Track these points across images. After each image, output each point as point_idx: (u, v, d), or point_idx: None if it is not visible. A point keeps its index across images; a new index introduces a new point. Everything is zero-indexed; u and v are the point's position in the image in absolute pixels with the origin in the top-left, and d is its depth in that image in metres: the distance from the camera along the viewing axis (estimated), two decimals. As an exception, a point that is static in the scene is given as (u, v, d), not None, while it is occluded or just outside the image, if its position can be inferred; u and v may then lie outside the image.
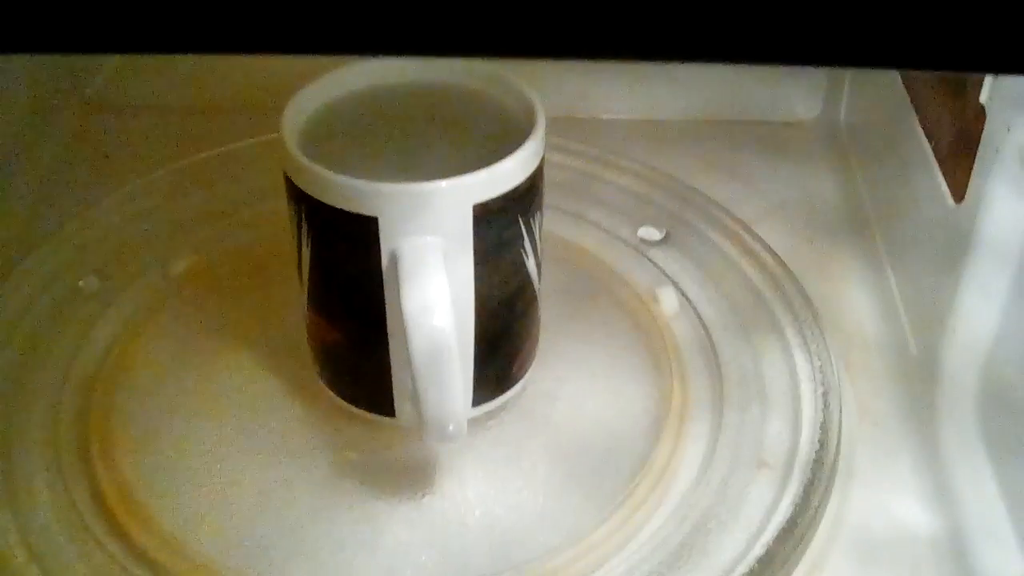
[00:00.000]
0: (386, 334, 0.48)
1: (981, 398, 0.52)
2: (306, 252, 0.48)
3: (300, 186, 0.46)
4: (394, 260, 0.45)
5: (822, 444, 0.51)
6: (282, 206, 0.49)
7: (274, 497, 0.51)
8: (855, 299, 0.62)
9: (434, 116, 0.52)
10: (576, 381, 0.56)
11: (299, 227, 0.48)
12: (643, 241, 0.64)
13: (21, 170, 0.69)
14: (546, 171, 0.49)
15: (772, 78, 0.76)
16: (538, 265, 0.51)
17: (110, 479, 0.51)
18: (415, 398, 0.45)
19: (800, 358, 0.56)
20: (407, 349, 0.44)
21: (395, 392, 0.50)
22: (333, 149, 0.49)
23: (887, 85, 0.66)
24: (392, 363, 0.49)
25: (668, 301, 0.60)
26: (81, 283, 0.60)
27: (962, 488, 0.51)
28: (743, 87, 0.77)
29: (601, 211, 0.65)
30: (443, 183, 0.45)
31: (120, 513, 0.49)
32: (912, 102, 0.62)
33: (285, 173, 0.47)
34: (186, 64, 0.74)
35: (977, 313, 0.52)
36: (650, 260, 0.62)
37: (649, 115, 0.76)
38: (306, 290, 0.50)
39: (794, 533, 0.48)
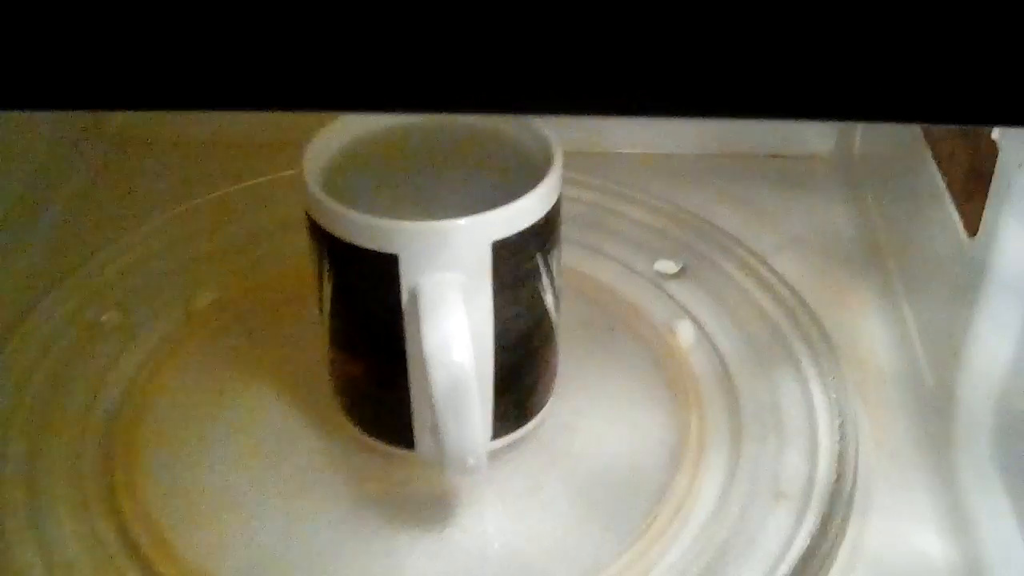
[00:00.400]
0: (406, 368, 0.48)
1: (996, 429, 0.53)
2: (327, 288, 0.49)
3: (321, 223, 0.47)
4: (414, 296, 0.45)
5: (839, 475, 0.52)
6: (303, 241, 0.50)
7: (297, 530, 0.51)
8: (871, 331, 0.63)
9: (452, 153, 0.53)
10: (594, 413, 0.57)
11: (320, 263, 0.49)
12: (659, 274, 0.64)
13: (45, 205, 0.70)
14: (562, 205, 0.50)
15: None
16: (556, 299, 0.51)
17: (135, 512, 0.51)
18: (435, 432, 0.46)
19: (816, 390, 0.56)
20: (427, 384, 0.44)
21: (415, 425, 0.51)
22: (353, 186, 0.49)
23: (901, 120, 0.66)
24: (412, 397, 0.49)
25: (685, 334, 0.60)
26: (104, 318, 0.61)
27: (979, 518, 0.51)
28: (757, 122, 0.77)
29: (617, 245, 0.66)
30: (462, 221, 0.45)
31: (145, 546, 0.50)
32: (925, 137, 0.62)
33: (306, 210, 0.48)
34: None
35: (991, 345, 0.52)
36: (667, 293, 0.63)
37: (663, 149, 0.77)
38: (327, 325, 0.51)
39: (812, 564, 0.48)
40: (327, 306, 0.50)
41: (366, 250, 0.46)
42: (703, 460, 0.54)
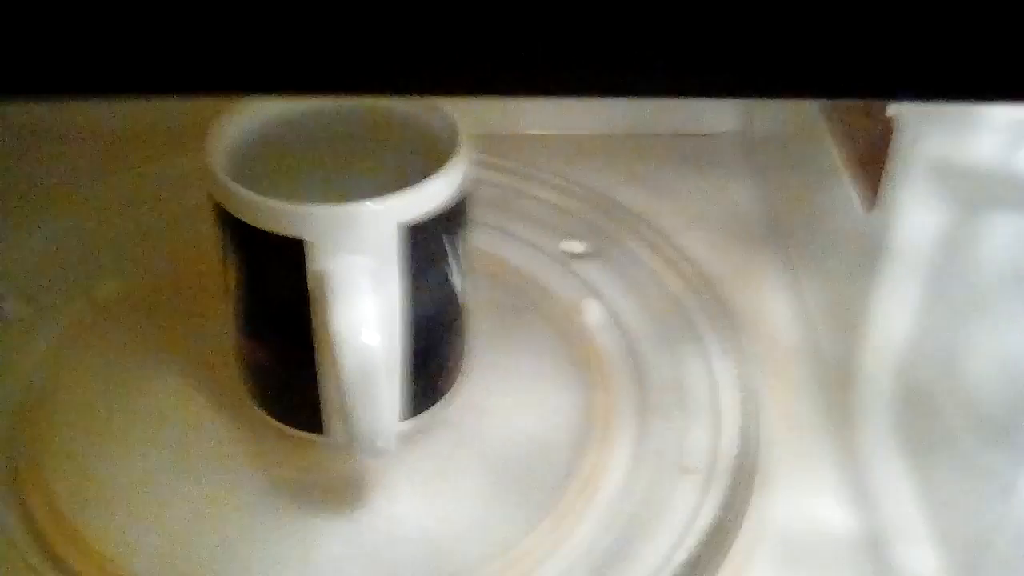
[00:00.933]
0: (313, 353, 0.48)
1: (896, 402, 0.54)
2: (233, 273, 0.49)
3: (226, 208, 0.47)
4: (321, 280, 0.45)
5: (742, 449, 0.53)
6: (208, 228, 0.49)
7: (207, 516, 0.51)
8: (773, 307, 0.64)
9: (360, 137, 0.53)
10: (503, 393, 0.57)
11: (225, 248, 0.48)
12: (566, 254, 0.65)
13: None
14: (471, 187, 0.50)
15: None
16: (464, 279, 0.51)
17: (41, 503, 0.51)
18: (344, 414, 0.46)
19: (720, 366, 0.57)
20: (336, 368, 0.44)
21: (324, 409, 0.51)
22: (259, 171, 0.49)
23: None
24: (320, 381, 0.49)
25: (592, 313, 0.61)
26: (4, 306, 0.60)
27: (880, 489, 0.53)
28: (661, 101, 0.77)
29: (525, 225, 0.66)
30: (369, 203, 0.45)
31: (52, 536, 0.49)
32: (823, 114, 0.63)
33: (211, 196, 0.48)
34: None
35: (890, 319, 0.53)
36: (574, 273, 0.63)
37: (570, 130, 0.77)
38: (234, 311, 0.50)
39: (717, 537, 0.49)
40: (233, 292, 0.50)
41: (271, 234, 0.45)
42: (610, 437, 0.54)
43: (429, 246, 0.48)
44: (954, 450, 0.49)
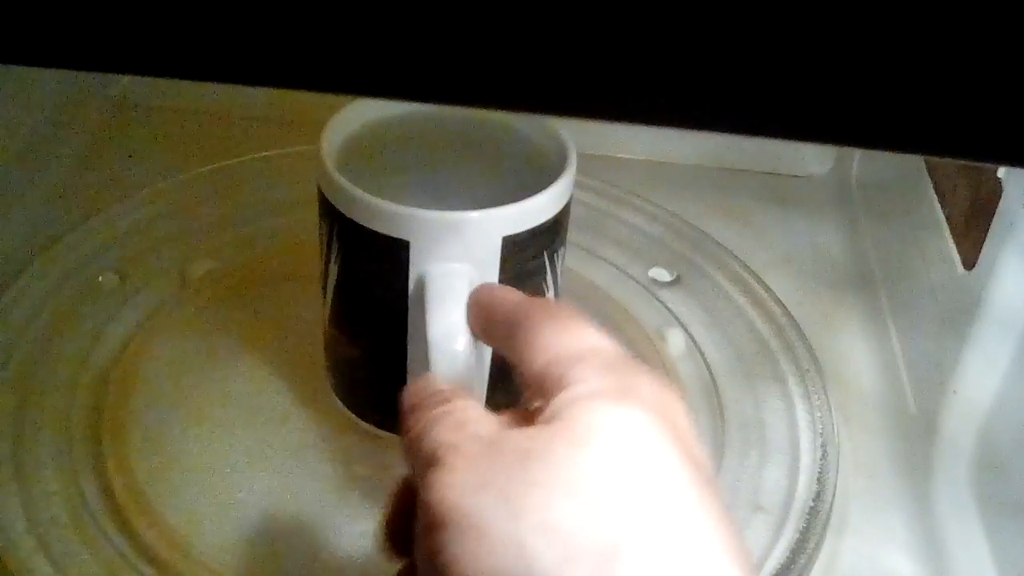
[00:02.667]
0: (405, 354, 0.49)
1: (976, 460, 0.53)
2: (333, 268, 0.49)
3: (334, 204, 0.47)
4: (422, 284, 0.46)
5: (818, 494, 0.52)
6: (305, 217, 0.50)
7: (281, 504, 0.52)
8: (856, 353, 0.64)
9: (468, 144, 0.54)
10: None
11: (329, 243, 0.49)
12: (654, 281, 0.65)
13: (44, 164, 0.69)
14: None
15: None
16: (557, 297, 0.51)
17: (120, 475, 0.51)
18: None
19: (801, 408, 0.57)
20: (427, 370, 0.44)
21: (408, 411, 0.51)
22: (367, 168, 0.49)
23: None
24: (409, 382, 0.49)
25: (675, 342, 0.61)
26: (101, 279, 0.61)
27: (952, 545, 0.52)
28: (757, 138, 0.78)
29: (615, 249, 0.66)
30: (475, 214, 0.46)
31: (128, 509, 0.50)
32: (928, 169, 0.63)
33: (320, 189, 0.48)
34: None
35: (979, 378, 0.53)
36: (660, 301, 0.63)
37: (663, 157, 0.78)
38: (329, 305, 0.51)
39: (787, 579, 0.49)
40: (331, 287, 0.50)
41: (378, 234, 0.46)
42: (685, 468, 0.54)
43: (528, 260, 0.48)
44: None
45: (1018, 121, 0.28)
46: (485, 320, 0.42)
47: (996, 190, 0.52)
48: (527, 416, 0.35)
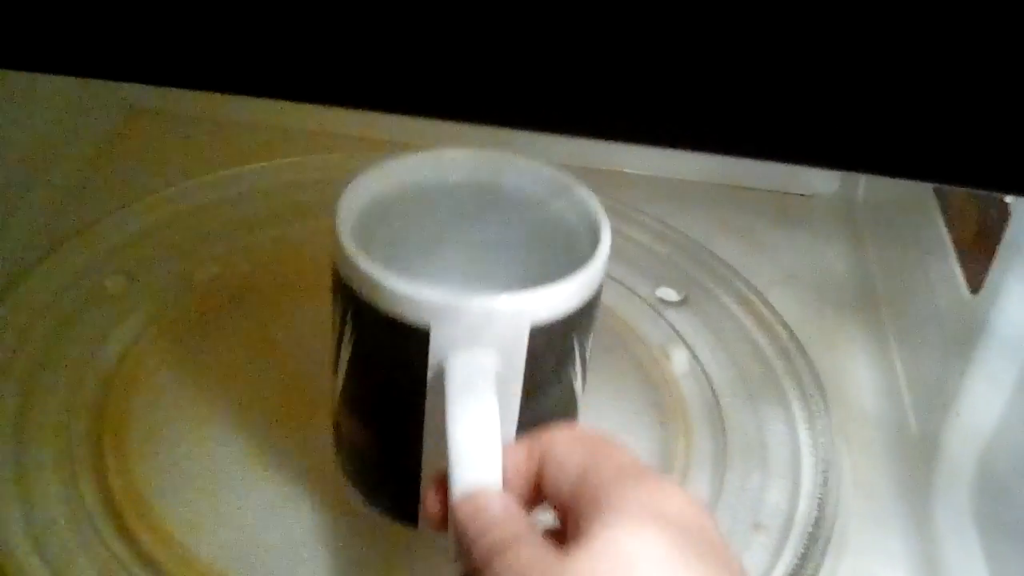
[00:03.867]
0: (421, 444, 0.45)
1: (977, 483, 0.53)
2: (345, 348, 0.45)
3: (348, 283, 0.43)
4: (442, 373, 0.42)
5: (818, 519, 0.52)
6: (312, 225, 0.49)
7: (282, 514, 0.51)
8: (858, 374, 0.64)
9: (491, 215, 0.50)
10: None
11: (341, 322, 0.45)
12: (661, 301, 0.65)
13: (52, 168, 0.70)
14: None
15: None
16: (584, 381, 0.48)
17: (120, 479, 0.51)
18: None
19: (803, 432, 0.57)
20: (445, 463, 0.40)
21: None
22: (383, 242, 0.47)
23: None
24: (424, 473, 0.46)
25: (679, 360, 0.61)
26: (108, 282, 0.61)
27: (951, 568, 0.52)
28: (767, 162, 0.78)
29: (623, 268, 0.66)
30: (503, 300, 0.42)
31: (128, 514, 0.50)
32: (935, 191, 0.63)
33: (334, 264, 0.44)
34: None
35: (981, 401, 0.53)
36: (665, 320, 0.63)
37: (669, 174, 0.78)
38: (339, 385, 0.47)
39: (786, 600, 0.49)
40: (343, 367, 0.46)
41: (396, 318, 0.42)
42: (686, 487, 0.54)
43: (556, 347, 0.44)
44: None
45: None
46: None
47: (1004, 214, 0.52)
48: (558, 535, 0.36)
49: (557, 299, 0.43)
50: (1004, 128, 0.28)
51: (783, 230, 0.75)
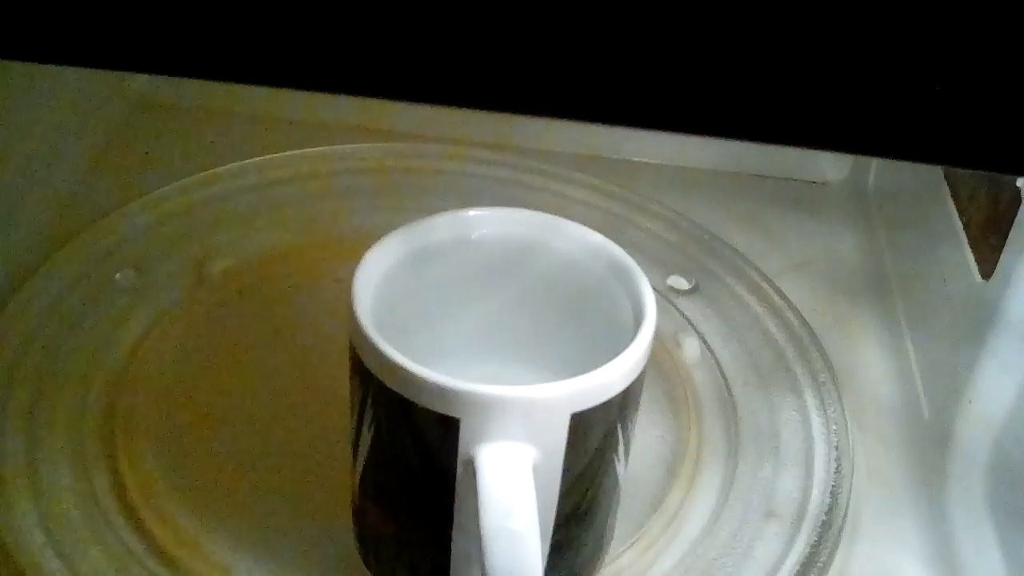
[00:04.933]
0: (450, 536, 0.42)
1: (991, 469, 0.53)
2: (366, 435, 0.42)
3: (369, 367, 0.40)
4: (473, 466, 0.39)
5: (831, 507, 0.52)
6: (323, 218, 0.49)
7: (296, 507, 0.51)
8: (871, 361, 0.63)
9: (522, 281, 0.47)
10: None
11: (362, 406, 0.42)
12: (672, 289, 0.65)
13: (61, 161, 0.69)
14: (582, 212, 0.48)
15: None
16: (627, 463, 0.45)
17: (133, 472, 0.51)
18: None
19: (816, 419, 0.57)
20: (480, 558, 0.38)
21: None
22: (404, 315, 0.44)
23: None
24: (453, 567, 0.43)
25: (691, 349, 0.61)
26: (118, 276, 0.61)
27: (965, 554, 0.52)
28: (777, 146, 0.78)
29: (633, 257, 0.65)
30: (539, 391, 0.38)
31: (139, 505, 0.50)
32: (945, 176, 0.63)
33: (352, 346, 0.41)
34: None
35: (995, 387, 0.53)
36: (677, 309, 0.63)
37: (679, 162, 0.77)
38: (359, 472, 0.44)
39: (799, 588, 0.49)
40: (364, 454, 0.43)
41: (422, 408, 0.39)
42: (699, 476, 0.54)
43: (598, 435, 0.41)
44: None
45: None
46: None
47: (1015, 199, 0.52)
48: None
49: (601, 386, 0.39)
50: (1015, 108, 0.28)
51: (794, 217, 0.74)
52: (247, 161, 0.69)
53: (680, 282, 0.65)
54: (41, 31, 0.30)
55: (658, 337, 0.60)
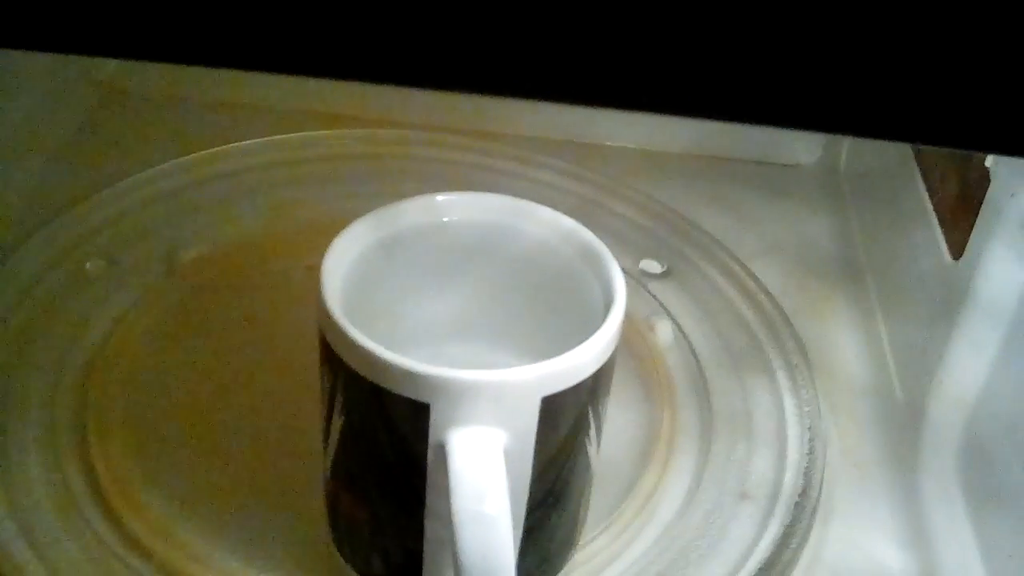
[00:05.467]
0: (422, 521, 0.42)
1: (962, 449, 0.54)
2: (337, 421, 0.42)
3: (338, 353, 0.40)
4: (444, 451, 0.39)
5: (805, 488, 0.52)
6: (296, 205, 0.48)
7: (268, 495, 0.51)
8: (843, 343, 0.64)
9: (493, 266, 0.47)
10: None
11: (331, 393, 0.42)
12: (644, 273, 0.65)
13: (31, 151, 0.69)
14: (553, 196, 0.48)
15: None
16: (599, 446, 0.45)
17: (104, 461, 0.51)
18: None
19: (789, 400, 0.57)
20: (452, 543, 0.38)
21: (425, 576, 0.45)
22: (374, 297, 0.44)
23: (891, 138, 0.67)
24: (426, 552, 0.43)
25: (664, 333, 0.61)
26: (88, 265, 0.61)
27: (938, 533, 0.52)
28: (746, 127, 0.78)
29: (605, 241, 0.65)
30: (510, 374, 0.38)
31: (111, 495, 0.50)
32: (915, 157, 0.63)
33: (321, 332, 0.41)
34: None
35: (966, 367, 0.53)
36: (649, 292, 0.63)
37: (651, 145, 0.77)
38: (331, 459, 0.44)
39: (773, 569, 0.49)
40: (334, 441, 0.43)
41: (392, 393, 0.39)
42: (672, 459, 0.54)
43: (570, 419, 0.41)
44: (1016, 505, 0.49)
45: (1006, 110, 0.28)
46: None
47: (984, 179, 0.52)
48: None
49: (572, 368, 0.39)
50: (983, 86, 0.28)
51: (766, 200, 0.74)
52: (217, 149, 0.69)
53: (653, 266, 0.65)
54: (7, 16, 0.30)
55: (630, 321, 0.61)
